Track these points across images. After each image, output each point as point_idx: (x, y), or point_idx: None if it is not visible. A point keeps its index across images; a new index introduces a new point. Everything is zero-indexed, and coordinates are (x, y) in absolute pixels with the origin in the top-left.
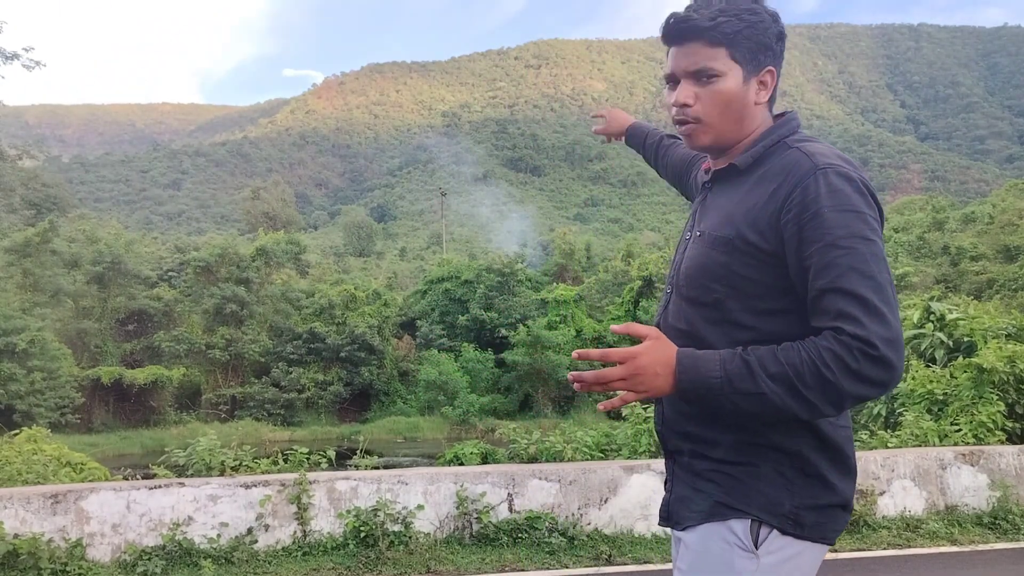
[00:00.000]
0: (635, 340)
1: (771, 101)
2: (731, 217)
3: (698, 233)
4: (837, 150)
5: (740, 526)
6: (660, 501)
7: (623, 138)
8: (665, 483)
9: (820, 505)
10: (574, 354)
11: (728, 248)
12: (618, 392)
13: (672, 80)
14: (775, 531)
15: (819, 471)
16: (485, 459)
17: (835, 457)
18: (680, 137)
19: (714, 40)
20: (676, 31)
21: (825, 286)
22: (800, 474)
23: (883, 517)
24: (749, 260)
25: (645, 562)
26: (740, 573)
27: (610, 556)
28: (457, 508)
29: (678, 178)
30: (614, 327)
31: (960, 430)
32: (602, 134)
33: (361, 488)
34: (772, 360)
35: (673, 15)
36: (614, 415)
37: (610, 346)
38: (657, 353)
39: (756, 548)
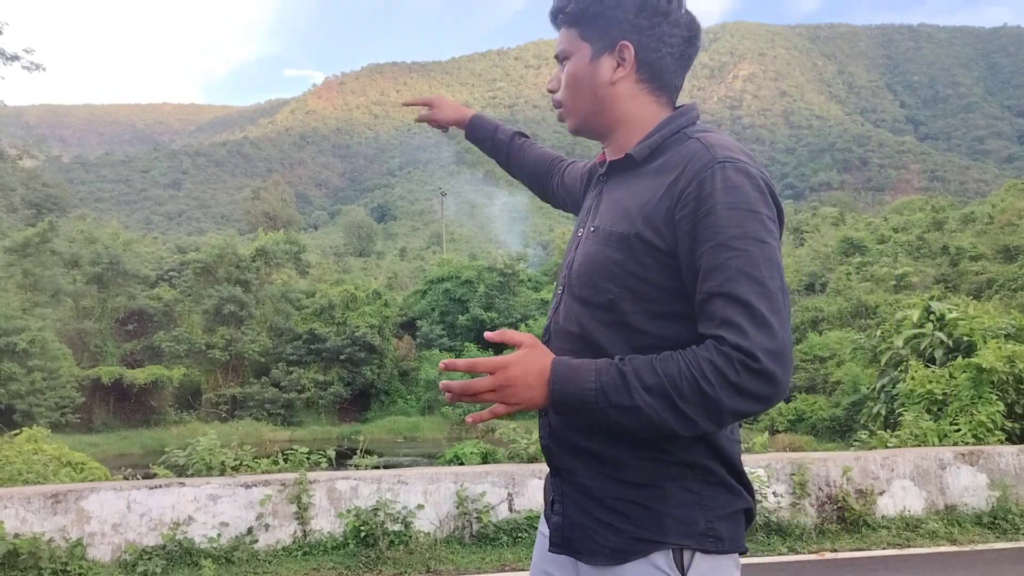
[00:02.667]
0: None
1: (662, 87)
2: (627, 212)
3: (592, 228)
4: (739, 144)
5: (663, 559)
6: None
7: (464, 129)
8: (551, 503)
9: (730, 513)
10: (441, 364)
11: (623, 245)
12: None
13: None
14: (698, 553)
15: (722, 478)
16: (485, 459)
17: (730, 465)
18: (527, 135)
19: (568, 21)
20: (551, 20)
21: (712, 289)
22: (706, 485)
23: (883, 517)
24: (644, 259)
25: None
26: None
27: None
28: (457, 508)
29: (535, 179)
30: (488, 334)
31: (959, 430)
32: (428, 121)
33: (361, 488)
34: (649, 372)
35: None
36: None
37: None
38: (530, 363)
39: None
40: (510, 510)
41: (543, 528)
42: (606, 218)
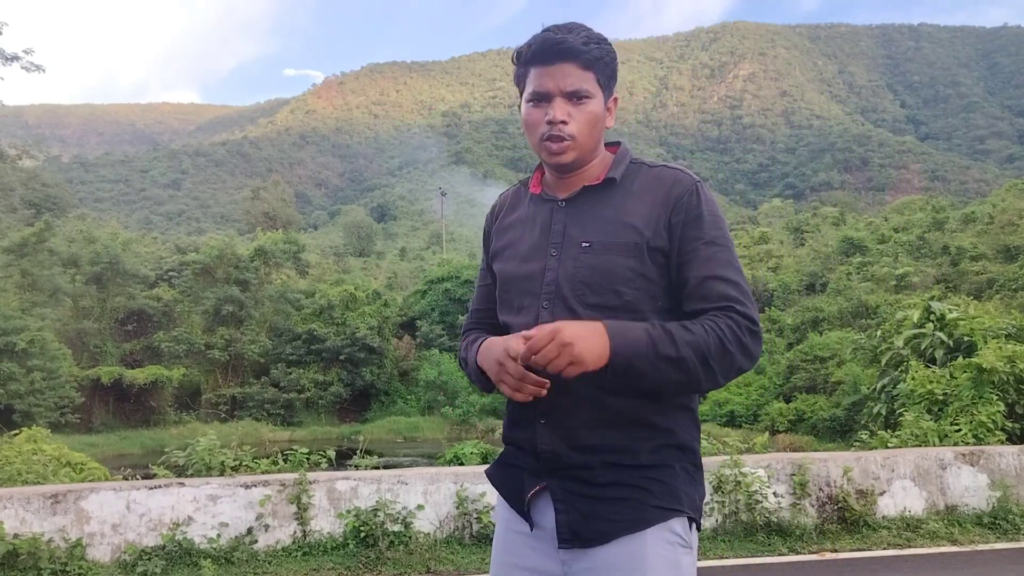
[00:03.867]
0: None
1: None
2: (629, 225)
3: (586, 244)
4: None
5: (680, 524)
6: None
7: None
8: (556, 503)
9: (702, 493)
10: (520, 358)
11: (636, 252)
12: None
13: (542, 99)
14: (694, 524)
15: (699, 464)
16: (485, 459)
17: (699, 441)
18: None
19: (586, 63)
20: (552, 52)
21: (708, 274)
22: (695, 469)
23: (883, 517)
24: (652, 262)
25: None
26: (685, 569)
27: None
28: (457, 508)
29: None
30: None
31: (960, 430)
32: None
33: (361, 488)
34: (685, 331)
35: (546, 37)
36: None
37: None
38: (579, 325)
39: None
40: None
41: (516, 525)
42: (600, 233)
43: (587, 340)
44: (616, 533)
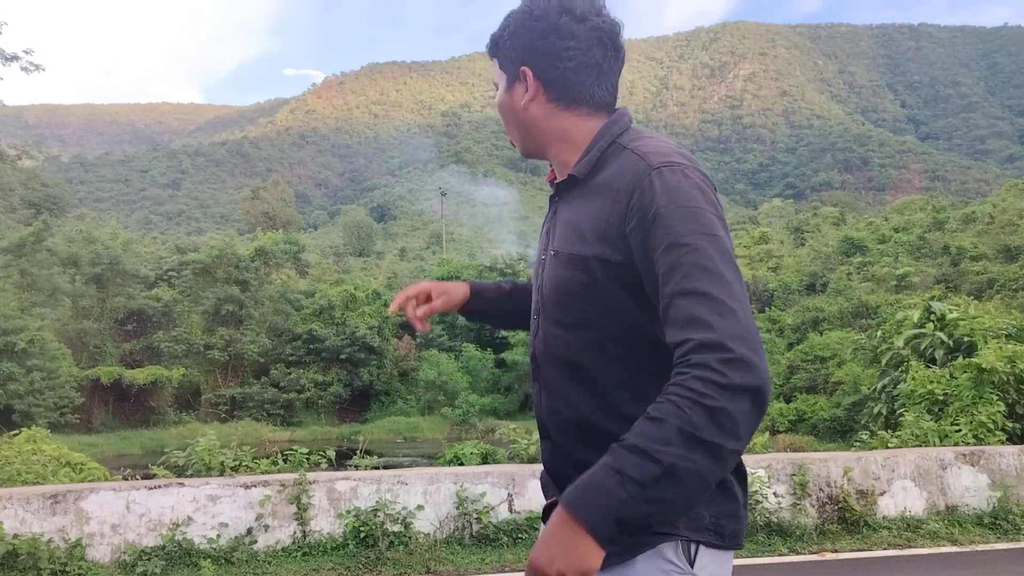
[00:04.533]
0: None
1: (578, 101)
2: (582, 233)
3: (552, 252)
4: (674, 144)
5: (671, 550)
6: None
7: (462, 308)
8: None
9: (730, 511)
10: None
11: (583, 266)
12: None
13: None
14: (702, 546)
15: (724, 476)
16: (485, 459)
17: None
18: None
19: (491, 54)
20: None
21: (674, 290)
22: None
23: (883, 517)
24: (605, 276)
25: None
26: None
27: None
28: (457, 508)
29: None
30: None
31: (960, 430)
32: (427, 316)
33: (361, 488)
34: (650, 425)
35: None
36: None
37: None
38: (543, 543)
39: (692, 568)
40: (510, 511)
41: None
42: (562, 240)
43: (561, 552)
44: (610, 557)
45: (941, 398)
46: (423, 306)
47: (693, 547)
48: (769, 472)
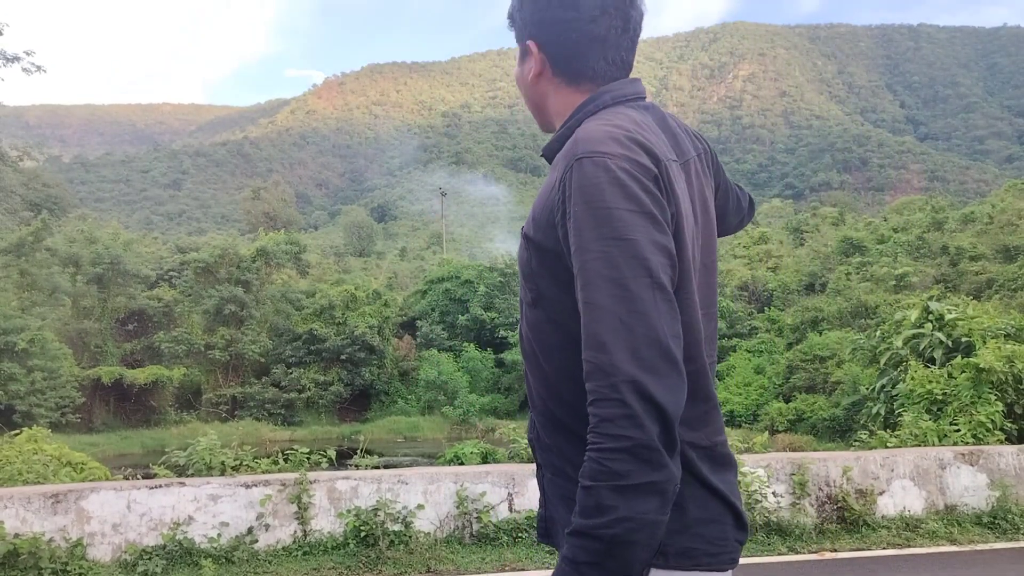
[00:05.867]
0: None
1: (580, 76)
2: (533, 213)
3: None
4: (619, 127)
5: None
6: None
7: None
8: (541, 495)
9: (681, 526)
10: None
11: (527, 245)
12: None
13: None
14: (651, 567)
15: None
16: (485, 459)
17: (694, 471)
18: None
19: (511, 26)
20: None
21: (580, 299)
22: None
23: (883, 517)
24: (539, 260)
25: None
26: None
27: None
28: (457, 508)
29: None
30: None
31: (959, 430)
32: None
33: (361, 488)
34: (584, 497)
35: None
36: None
37: None
38: None
39: None
40: (510, 510)
41: None
42: (527, 219)
43: None
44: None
45: (940, 398)
46: None
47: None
48: (768, 472)
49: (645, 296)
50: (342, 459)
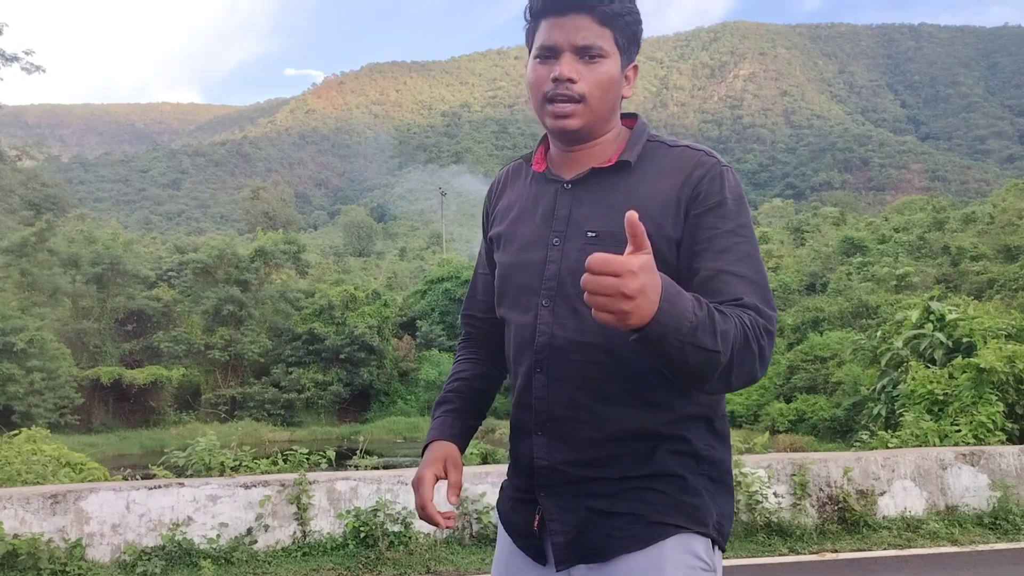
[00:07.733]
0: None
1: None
2: (641, 213)
3: (592, 234)
4: None
5: (702, 545)
6: None
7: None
8: (551, 524)
9: (728, 512)
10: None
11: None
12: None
13: (550, 54)
14: (716, 547)
15: (722, 476)
16: (485, 459)
17: (727, 452)
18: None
19: (604, 18)
20: (565, 1)
21: (723, 268)
22: (710, 481)
23: (883, 517)
24: (665, 253)
25: None
26: None
27: None
28: (457, 508)
29: (499, 352)
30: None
31: (960, 430)
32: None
33: (361, 488)
34: (722, 319)
35: None
36: None
37: None
38: (647, 280)
39: (716, 569)
40: None
41: (512, 547)
42: (610, 221)
43: (643, 301)
44: (615, 550)
45: (941, 398)
46: (450, 491)
47: (716, 549)
48: (769, 472)
49: (764, 271)
50: (341, 460)
